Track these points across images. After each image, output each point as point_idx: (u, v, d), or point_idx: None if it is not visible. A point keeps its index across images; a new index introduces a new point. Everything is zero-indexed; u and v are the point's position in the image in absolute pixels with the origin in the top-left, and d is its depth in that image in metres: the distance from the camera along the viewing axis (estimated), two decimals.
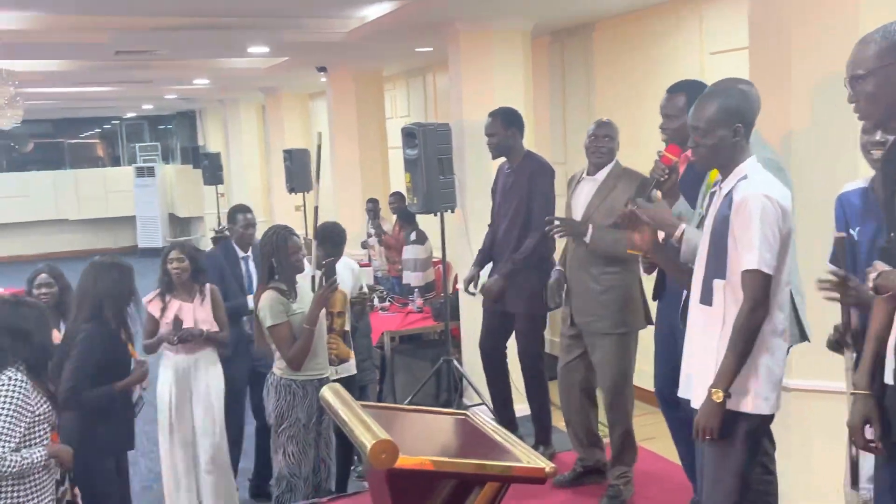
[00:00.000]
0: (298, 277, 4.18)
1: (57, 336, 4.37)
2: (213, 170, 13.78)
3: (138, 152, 19.64)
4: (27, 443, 3.17)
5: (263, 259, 4.08)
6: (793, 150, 3.69)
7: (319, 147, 4.67)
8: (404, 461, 1.80)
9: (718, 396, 2.49)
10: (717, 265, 2.60)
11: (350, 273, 5.03)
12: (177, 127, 20.53)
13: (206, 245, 14.31)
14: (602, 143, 4.12)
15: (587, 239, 4.01)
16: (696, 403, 2.61)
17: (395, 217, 8.59)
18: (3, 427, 3.06)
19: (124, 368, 4.03)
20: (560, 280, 4.28)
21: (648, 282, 3.90)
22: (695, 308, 2.70)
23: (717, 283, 2.60)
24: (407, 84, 10.60)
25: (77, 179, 19.13)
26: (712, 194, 2.78)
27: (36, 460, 3.16)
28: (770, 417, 2.64)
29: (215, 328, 4.62)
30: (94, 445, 3.86)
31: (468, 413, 2.29)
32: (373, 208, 8.87)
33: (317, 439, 4.07)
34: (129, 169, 19.13)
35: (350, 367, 4.71)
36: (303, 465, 3.99)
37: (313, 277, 4.58)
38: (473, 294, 5.04)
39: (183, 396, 4.59)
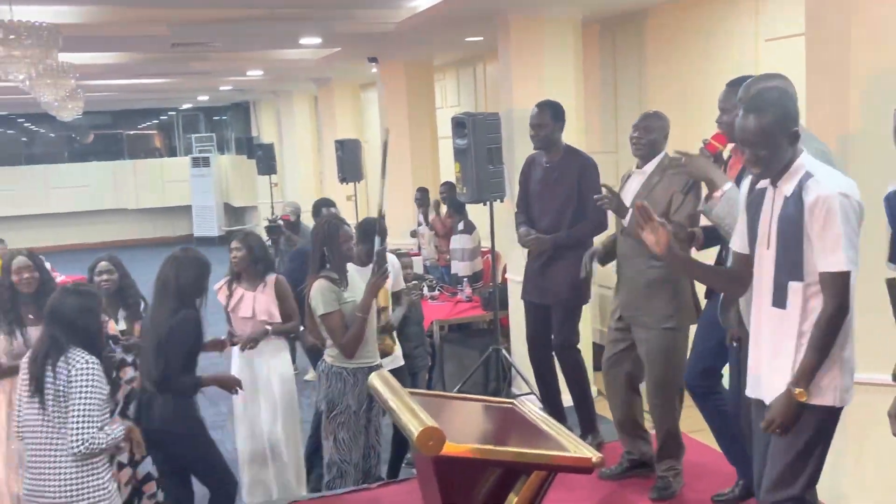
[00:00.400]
0: (349, 267, 4.22)
1: (112, 327, 4.51)
2: (266, 160, 13.97)
3: (194, 143, 19.98)
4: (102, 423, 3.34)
5: (315, 248, 4.13)
6: (850, 142, 3.60)
7: (386, 143, 4.68)
8: (451, 448, 1.82)
9: (802, 396, 2.52)
10: (790, 268, 2.57)
11: (391, 266, 5.02)
12: (231, 118, 20.84)
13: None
14: (642, 135, 4.07)
15: (625, 221, 3.99)
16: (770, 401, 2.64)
17: (444, 206, 8.62)
18: (90, 407, 3.23)
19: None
20: (595, 252, 4.28)
21: None
22: (763, 311, 2.67)
23: (794, 286, 2.57)
24: (457, 74, 10.60)
25: (135, 169, 19.56)
26: (755, 187, 2.75)
27: (118, 436, 3.34)
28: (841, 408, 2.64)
29: (275, 318, 4.71)
30: (195, 419, 4.07)
31: (515, 402, 2.30)
32: (422, 198, 8.91)
33: (367, 426, 4.11)
34: (185, 159, 19.48)
35: (396, 360, 4.74)
36: (353, 451, 4.05)
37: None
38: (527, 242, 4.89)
39: (249, 384, 4.70)
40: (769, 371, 2.66)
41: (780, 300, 2.61)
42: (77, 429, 3.20)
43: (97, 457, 3.31)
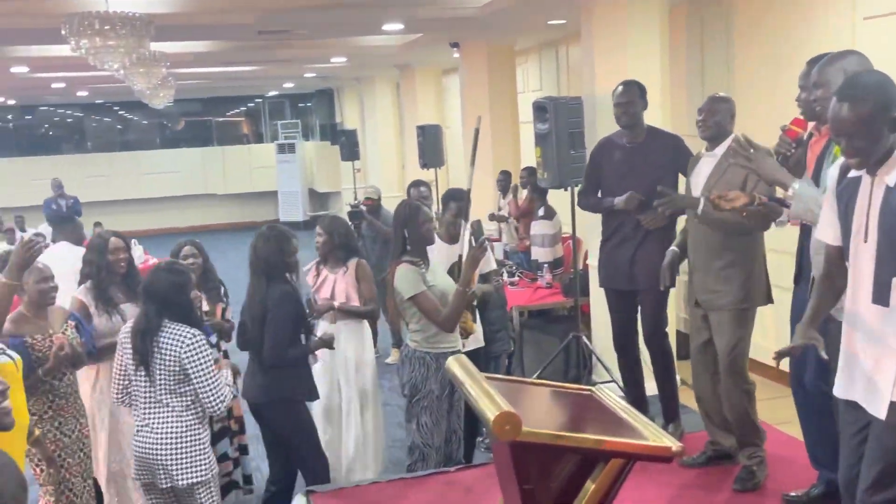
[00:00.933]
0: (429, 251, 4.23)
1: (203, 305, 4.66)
2: (349, 146, 14.14)
3: (280, 129, 20.36)
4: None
5: (396, 232, 4.15)
6: None
7: (477, 131, 4.67)
8: (528, 434, 1.81)
9: None
10: (895, 263, 2.42)
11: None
12: (316, 105, 21.15)
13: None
14: (706, 118, 4.02)
15: (699, 210, 3.91)
16: (870, 406, 2.52)
17: (523, 191, 8.57)
18: (211, 375, 3.51)
19: (307, 325, 4.34)
20: (674, 261, 4.23)
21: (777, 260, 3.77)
22: (861, 307, 2.53)
23: None
24: (539, 58, 10.51)
25: (224, 156, 20.07)
26: (846, 175, 2.62)
27: (229, 380, 3.70)
28: None
29: (353, 301, 4.78)
30: (295, 394, 4.20)
31: (594, 389, 2.28)
32: (504, 181, 8.87)
33: (449, 411, 4.12)
34: (271, 146, 19.88)
35: (477, 341, 4.74)
36: (435, 435, 4.07)
37: (459, 257, 4.60)
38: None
39: (330, 360, 4.79)
40: (868, 372, 2.52)
41: (882, 297, 2.44)
42: (212, 399, 3.51)
43: (188, 420, 3.56)
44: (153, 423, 3.55)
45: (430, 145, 9.83)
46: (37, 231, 12.32)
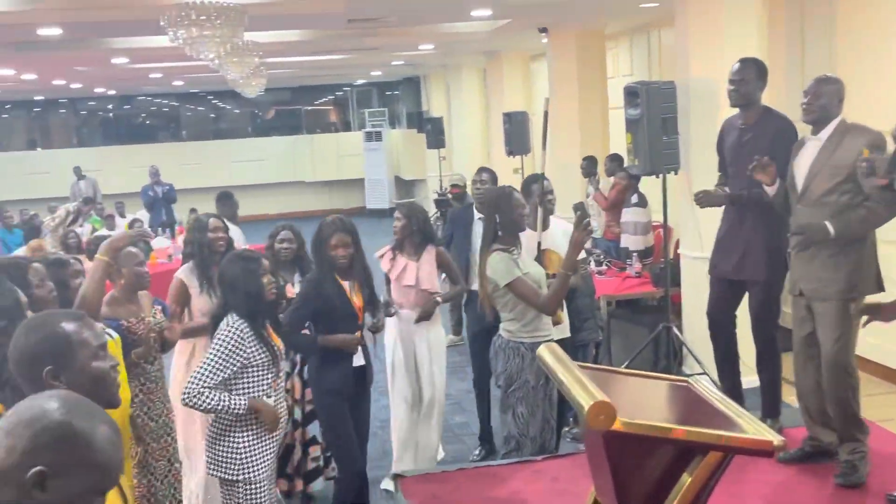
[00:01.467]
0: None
1: (290, 290, 4.73)
2: (435, 134, 14.17)
3: (367, 117, 20.58)
4: (232, 388, 3.44)
5: (487, 219, 4.10)
6: None
7: (546, 114, 4.61)
8: (622, 424, 1.76)
9: None
10: None
11: (564, 236, 4.92)
12: (403, 92, 21.28)
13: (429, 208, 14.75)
14: (811, 101, 3.83)
15: (832, 234, 3.74)
16: None
17: (610, 180, 8.43)
18: (209, 365, 3.37)
19: (345, 317, 4.20)
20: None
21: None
22: None
23: None
24: (630, 42, 10.29)
25: (312, 144, 20.40)
26: None
27: (233, 406, 3.39)
28: None
29: (436, 287, 4.78)
30: (327, 388, 4.16)
31: (690, 380, 2.20)
32: (588, 166, 8.75)
33: (543, 399, 4.08)
34: (358, 134, 20.10)
35: (563, 330, 4.68)
36: (531, 425, 4.03)
37: (539, 245, 4.55)
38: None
39: (407, 351, 4.82)
40: None
41: None
42: (192, 379, 3.36)
43: (225, 417, 3.45)
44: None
45: (517, 132, 9.77)
46: (135, 217, 12.80)
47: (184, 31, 5.80)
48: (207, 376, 3.36)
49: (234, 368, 3.40)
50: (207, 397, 3.35)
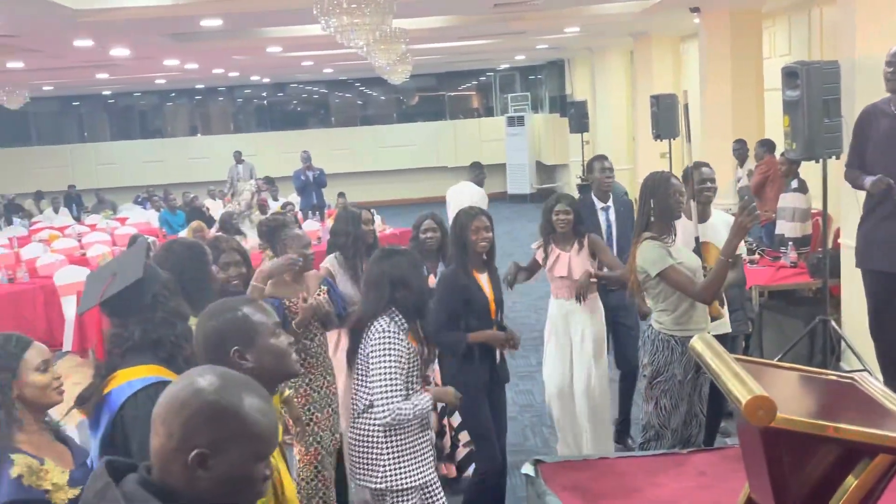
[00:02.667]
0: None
1: (432, 280, 4.78)
2: (579, 118, 13.98)
3: (510, 102, 20.55)
4: (408, 391, 3.32)
5: (642, 204, 3.98)
6: None
7: (686, 106, 4.44)
8: (783, 420, 1.68)
9: None
10: None
11: (725, 227, 4.70)
12: (546, 77, 21.11)
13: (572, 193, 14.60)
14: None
15: None
16: None
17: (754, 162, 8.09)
18: (389, 378, 3.22)
19: (480, 311, 4.16)
20: None
21: None
22: None
23: None
24: (788, 20, 9.77)
25: (455, 129, 20.58)
26: None
27: (425, 405, 3.33)
28: None
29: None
30: (470, 386, 4.11)
31: (856, 377, 2.08)
32: (740, 149, 8.40)
33: (691, 394, 3.96)
34: (500, 119, 20.12)
35: (724, 325, 4.50)
36: (673, 417, 3.93)
37: (696, 238, 4.40)
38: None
39: (564, 336, 4.79)
40: None
41: None
42: (382, 399, 3.22)
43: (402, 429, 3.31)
44: (350, 415, 3.44)
45: (665, 116, 9.50)
46: (286, 200, 13.33)
47: (335, 19, 5.97)
48: (398, 387, 3.25)
49: (405, 373, 3.30)
50: (408, 409, 3.25)
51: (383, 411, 3.22)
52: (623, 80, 14.95)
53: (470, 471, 4.88)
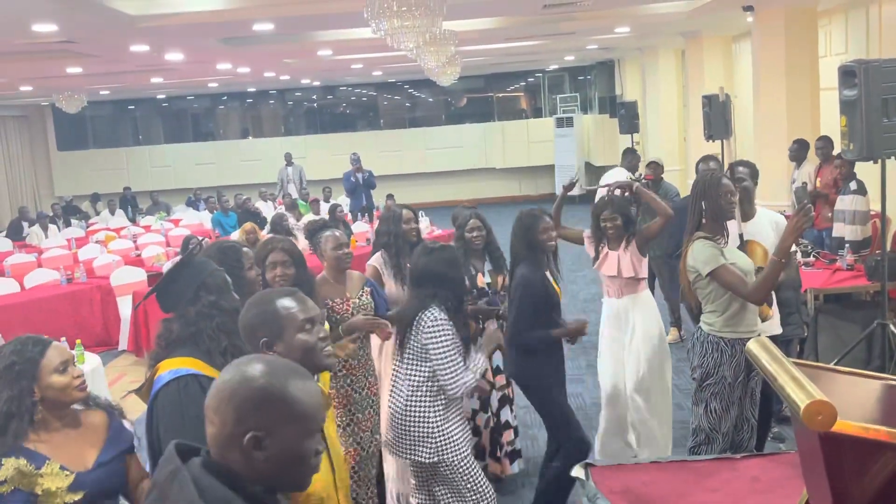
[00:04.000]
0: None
1: (481, 279, 4.80)
2: (629, 118, 13.87)
3: (559, 103, 20.45)
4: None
5: (693, 204, 3.96)
6: None
7: (724, 102, 4.40)
8: (844, 426, 1.65)
9: None
10: None
11: (773, 227, 4.65)
12: (595, 77, 20.97)
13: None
14: None
15: None
16: None
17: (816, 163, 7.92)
18: (450, 358, 3.53)
19: (554, 306, 4.33)
20: None
21: None
22: None
23: None
24: (845, 18, 9.57)
25: (503, 131, 20.56)
26: None
27: (480, 365, 3.66)
28: None
29: (640, 273, 4.73)
30: (552, 379, 4.25)
31: None
32: (797, 150, 8.24)
33: (742, 398, 3.92)
34: (549, 120, 20.04)
35: (773, 326, 4.44)
36: (723, 421, 3.89)
37: (740, 236, 4.35)
38: None
39: (617, 334, 4.79)
40: None
41: None
42: (449, 380, 3.54)
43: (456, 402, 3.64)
44: (396, 400, 3.70)
45: (717, 116, 9.39)
46: (335, 202, 13.45)
47: (385, 22, 6.00)
48: (458, 362, 3.55)
49: (459, 350, 3.58)
50: (469, 380, 3.57)
51: (453, 386, 3.53)
52: (674, 81, 14.79)
53: (514, 468, 4.91)
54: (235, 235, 9.52)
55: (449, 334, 3.55)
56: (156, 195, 17.10)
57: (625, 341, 4.75)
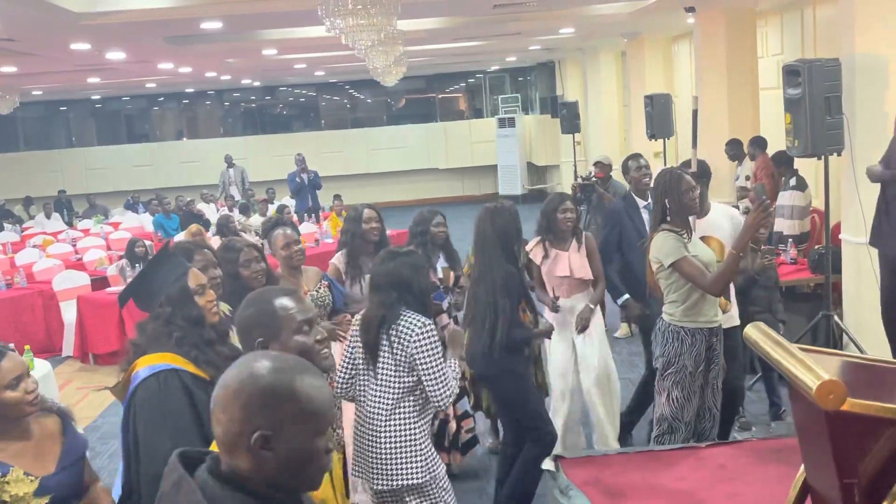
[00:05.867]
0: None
1: (432, 274, 4.82)
2: (570, 119, 14.03)
3: (500, 104, 20.60)
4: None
5: (656, 201, 4.07)
6: None
7: (696, 112, 4.53)
8: (853, 404, 1.72)
9: None
10: None
11: (728, 220, 4.76)
12: (536, 78, 21.18)
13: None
14: None
15: None
16: None
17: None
18: (439, 366, 3.30)
19: (530, 305, 4.35)
20: None
21: None
22: None
23: None
24: (781, 19, 9.88)
25: (446, 131, 20.62)
26: None
27: (456, 372, 3.47)
28: None
29: (588, 275, 4.81)
30: (521, 372, 4.31)
31: None
32: (732, 150, 8.50)
33: (703, 387, 4.03)
34: (491, 120, 20.17)
35: (731, 319, 4.56)
36: (686, 409, 3.99)
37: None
38: None
39: (566, 333, 4.86)
40: None
41: None
42: (438, 391, 3.28)
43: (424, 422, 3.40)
44: (373, 419, 3.36)
45: (659, 115, 9.58)
46: (281, 203, 13.32)
47: (340, 20, 5.98)
48: (447, 373, 3.34)
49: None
50: (453, 387, 3.38)
51: (441, 396, 3.29)
52: (614, 81, 15.04)
53: (478, 449, 4.96)
54: (180, 238, 9.36)
55: (438, 341, 3.34)
56: (92, 198, 16.67)
57: (573, 340, 4.83)
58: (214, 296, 2.73)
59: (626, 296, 5.08)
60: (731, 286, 4.65)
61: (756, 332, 2.16)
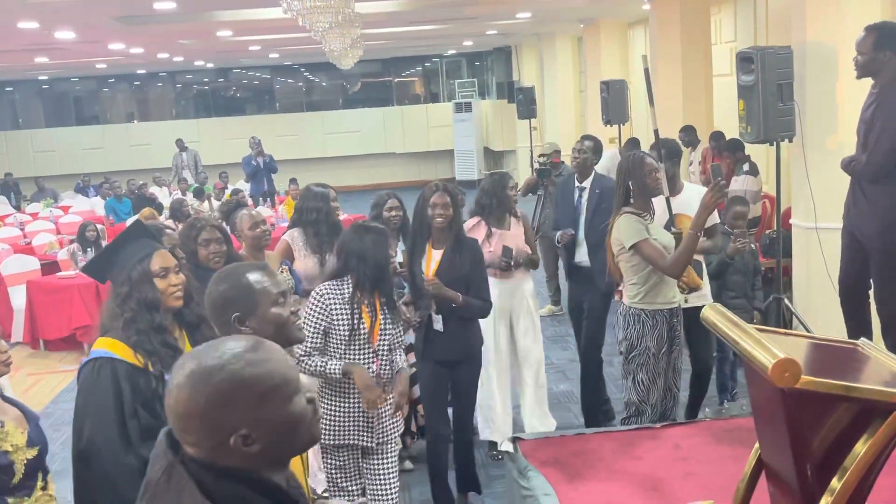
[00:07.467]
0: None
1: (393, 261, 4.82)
2: (526, 104, 14.08)
3: (456, 88, 20.58)
4: (330, 352, 3.44)
5: (619, 183, 4.10)
6: None
7: (647, 70, 4.56)
8: (808, 382, 1.77)
9: None
10: None
11: (699, 199, 4.82)
12: (493, 63, 21.19)
13: (520, 178, 14.74)
14: None
15: None
16: None
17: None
18: (306, 331, 3.30)
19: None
20: None
21: None
22: None
23: None
24: (735, 7, 10.01)
25: (402, 116, 20.54)
26: None
27: (329, 370, 3.38)
28: None
29: (526, 251, 4.87)
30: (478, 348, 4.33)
31: (859, 343, 2.19)
32: (686, 136, 8.62)
33: (666, 368, 4.09)
34: (448, 105, 20.14)
35: (704, 297, 4.62)
36: (651, 392, 4.05)
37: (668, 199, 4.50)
38: None
39: (503, 313, 4.87)
40: None
41: None
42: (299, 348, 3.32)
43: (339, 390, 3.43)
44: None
45: (615, 101, 9.64)
46: (235, 187, 13.16)
47: (298, 1, 5.93)
48: (310, 344, 3.38)
49: (321, 333, 3.40)
50: (308, 364, 3.37)
51: (295, 357, 3.27)
52: (571, 67, 15.10)
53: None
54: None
55: (317, 309, 3.40)
56: (41, 181, 16.30)
57: (502, 322, 4.85)
58: (179, 280, 2.69)
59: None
60: (703, 265, 4.74)
61: (713, 314, 2.20)
